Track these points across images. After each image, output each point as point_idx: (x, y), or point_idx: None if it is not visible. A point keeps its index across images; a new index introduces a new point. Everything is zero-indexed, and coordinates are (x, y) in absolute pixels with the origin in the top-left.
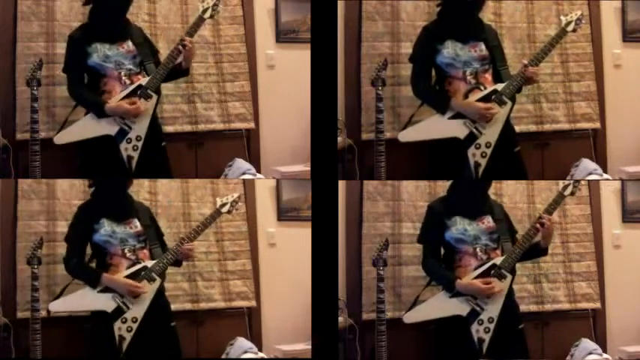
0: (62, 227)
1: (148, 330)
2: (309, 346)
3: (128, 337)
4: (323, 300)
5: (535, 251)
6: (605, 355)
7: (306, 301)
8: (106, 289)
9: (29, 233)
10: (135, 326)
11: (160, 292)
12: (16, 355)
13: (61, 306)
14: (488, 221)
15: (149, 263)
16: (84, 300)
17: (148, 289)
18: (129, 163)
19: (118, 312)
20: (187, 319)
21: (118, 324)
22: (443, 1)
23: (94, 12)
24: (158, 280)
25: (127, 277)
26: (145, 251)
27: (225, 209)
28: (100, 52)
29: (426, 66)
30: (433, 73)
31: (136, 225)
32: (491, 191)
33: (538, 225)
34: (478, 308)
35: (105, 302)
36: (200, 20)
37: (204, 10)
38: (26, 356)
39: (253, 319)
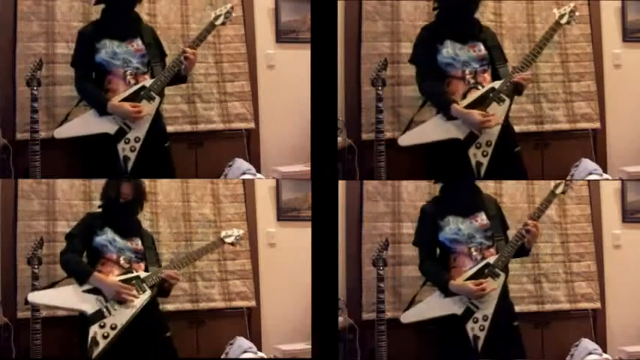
0: (62, 227)
1: (136, 340)
2: (309, 346)
3: (103, 343)
4: (323, 300)
5: (519, 251)
6: (605, 355)
7: (306, 301)
8: (92, 291)
9: (29, 233)
10: (112, 333)
11: (152, 304)
12: (16, 355)
13: (39, 297)
14: (482, 218)
15: (142, 274)
16: (65, 297)
17: (137, 298)
18: (125, 164)
19: (98, 316)
20: (187, 319)
21: (94, 328)
22: (439, 3)
23: (105, 9)
24: (149, 292)
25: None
26: (141, 264)
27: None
28: (109, 49)
29: (428, 65)
30: None
31: (138, 243)
32: (491, 191)
33: (524, 232)
34: (473, 307)
35: (86, 303)
36: (211, 27)
37: (217, 17)
38: (26, 356)
39: (253, 318)
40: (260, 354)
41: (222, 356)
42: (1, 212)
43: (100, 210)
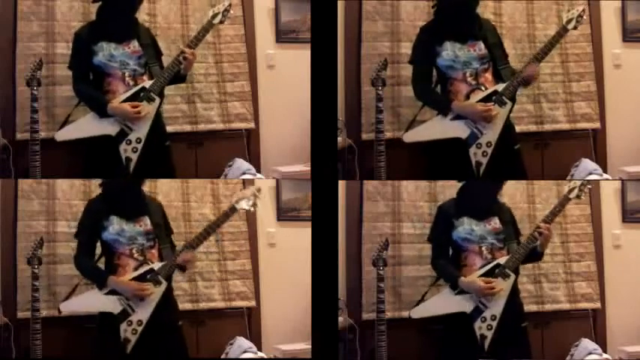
0: (62, 227)
1: (154, 332)
2: (309, 346)
3: (133, 339)
4: (323, 300)
5: (532, 255)
6: (605, 355)
7: (306, 301)
8: (112, 292)
9: (29, 233)
10: (139, 329)
11: (167, 293)
12: (16, 355)
13: (71, 306)
14: (495, 222)
15: (156, 265)
16: (92, 301)
17: (155, 292)
18: (127, 165)
19: (124, 314)
20: (187, 319)
21: (123, 326)
22: (439, 0)
23: (101, 10)
24: (164, 284)
25: (135, 279)
26: (154, 251)
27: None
28: (106, 51)
29: (426, 67)
30: (434, 73)
31: (147, 223)
32: None
33: (537, 234)
34: (482, 306)
35: (111, 304)
36: (209, 26)
37: (214, 16)
38: (26, 356)
39: (253, 318)
40: (260, 354)
41: (222, 356)
42: (1, 212)
43: (100, 193)
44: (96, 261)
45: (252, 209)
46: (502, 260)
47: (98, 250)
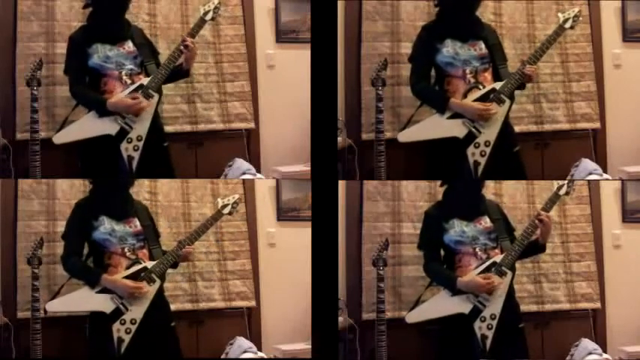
0: (62, 227)
1: (147, 331)
2: (309, 346)
3: (127, 338)
4: (323, 300)
5: (534, 248)
6: (605, 355)
7: (306, 301)
8: (105, 290)
9: (29, 233)
10: (133, 328)
11: (160, 293)
12: (16, 355)
13: (58, 306)
14: (485, 222)
15: (149, 264)
16: (82, 300)
17: (148, 290)
18: (129, 164)
19: (117, 313)
20: (187, 319)
21: (116, 325)
22: (440, 0)
23: (92, 13)
24: (158, 282)
25: (127, 277)
26: (145, 251)
27: (226, 210)
28: (101, 53)
29: (425, 65)
30: (432, 72)
31: (136, 224)
32: (490, 191)
33: (537, 222)
34: (480, 305)
35: (103, 303)
36: (201, 22)
37: (206, 13)
38: (26, 356)
39: (253, 318)
40: (260, 354)
41: (222, 356)
42: (1, 212)
43: (88, 195)
44: (84, 261)
45: (232, 213)
46: (497, 259)
47: (85, 250)
